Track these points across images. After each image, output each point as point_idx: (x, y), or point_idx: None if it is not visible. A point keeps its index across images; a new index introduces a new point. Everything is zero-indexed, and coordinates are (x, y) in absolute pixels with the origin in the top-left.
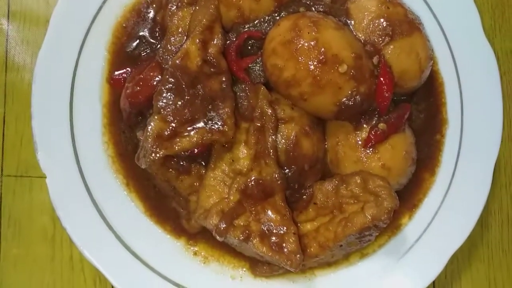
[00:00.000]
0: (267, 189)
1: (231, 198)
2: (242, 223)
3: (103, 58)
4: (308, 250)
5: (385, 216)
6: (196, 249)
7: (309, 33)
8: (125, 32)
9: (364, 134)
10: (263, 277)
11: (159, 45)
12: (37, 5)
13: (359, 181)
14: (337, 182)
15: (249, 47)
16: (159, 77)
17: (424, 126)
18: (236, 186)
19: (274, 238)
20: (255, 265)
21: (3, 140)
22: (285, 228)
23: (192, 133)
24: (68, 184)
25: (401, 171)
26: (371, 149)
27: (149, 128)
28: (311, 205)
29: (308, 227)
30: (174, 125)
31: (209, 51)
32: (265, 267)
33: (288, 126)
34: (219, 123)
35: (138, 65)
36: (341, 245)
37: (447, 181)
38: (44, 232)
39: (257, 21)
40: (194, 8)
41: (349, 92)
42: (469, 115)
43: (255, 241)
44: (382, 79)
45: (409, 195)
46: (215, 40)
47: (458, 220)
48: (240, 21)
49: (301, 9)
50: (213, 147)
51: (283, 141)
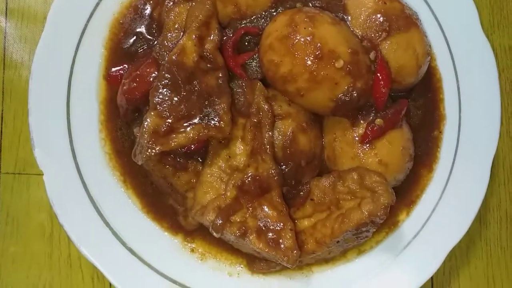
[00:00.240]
0: (264, 185)
1: (228, 194)
2: (238, 219)
3: (100, 54)
4: (305, 246)
5: (382, 212)
6: (193, 246)
7: (305, 28)
8: (122, 28)
9: (361, 130)
10: (260, 273)
11: (156, 42)
12: (35, 2)
13: (356, 177)
14: (334, 178)
15: (246, 43)
16: (156, 73)
17: (422, 122)
18: (233, 182)
19: (270, 234)
20: (253, 261)
21: (1, 137)
22: (281, 224)
23: (188, 129)
24: (65, 181)
25: (398, 167)
26: (368, 145)
27: (145, 124)
28: (308, 201)
29: (305, 223)
30: (170, 121)
31: (206, 47)
32: (263, 264)
33: (285, 122)
34: (216, 119)
35: (135, 61)
36: (338, 241)
37: (445, 177)
38: (42, 229)
39: (254, 17)
40: (190, 4)
41: (346, 87)
42: (467, 111)
43: (251, 237)
44: (379, 75)
45: (406, 192)
46: (212, 36)
47: (456, 216)
48: (237, 17)
49: (298, 5)
50: (210, 143)
51: (280, 137)
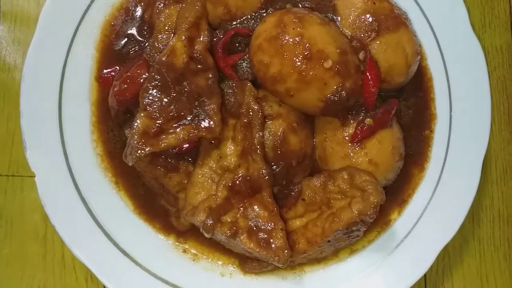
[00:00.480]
0: (255, 185)
1: (219, 194)
2: (229, 220)
3: (92, 56)
4: (296, 246)
5: (371, 211)
6: (185, 246)
7: (294, 29)
8: (114, 30)
9: (351, 129)
10: (252, 273)
11: (147, 43)
12: (28, 5)
13: (346, 176)
14: (324, 178)
15: (237, 44)
16: (146, 74)
17: (413, 121)
18: (223, 182)
19: (261, 234)
20: (245, 262)
21: None
22: (272, 224)
23: (178, 130)
24: (57, 182)
25: (389, 166)
26: (358, 145)
27: (135, 125)
28: (299, 201)
29: (297, 223)
30: (160, 122)
31: (196, 48)
32: (255, 264)
33: (275, 122)
34: (206, 120)
35: (126, 63)
36: (329, 241)
37: (436, 176)
38: (35, 231)
39: (244, 18)
40: (181, 5)
41: (335, 87)
42: (458, 111)
43: (242, 237)
44: (368, 75)
45: (398, 191)
46: (201, 37)
47: (447, 215)
48: (227, 18)
49: (288, 5)
50: (201, 144)
51: (271, 137)
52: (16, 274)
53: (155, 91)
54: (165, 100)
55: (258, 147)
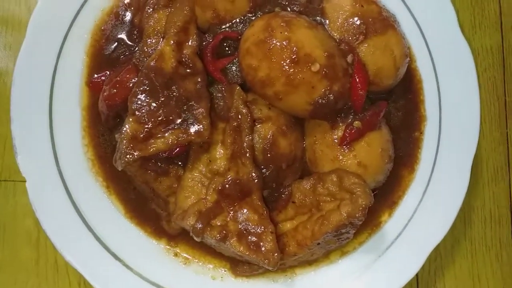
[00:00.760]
0: (244, 189)
1: (209, 198)
2: (219, 223)
3: (82, 61)
4: (286, 249)
5: (360, 213)
6: (177, 250)
7: (281, 32)
8: (104, 35)
9: (340, 132)
10: (243, 276)
11: (137, 48)
12: (19, 10)
13: (335, 179)
14: (314, 180)
15: (227, 48)
16: (136, 79)
17: (402, 123)
18: (213, 186)
19: (251, 237)
20: (236, 265)
21: None
22: (262, 227)
23: (167, 135)
24: (48, 187)
25: (378, 169)
26: (347, 147)
27: (124, 130)
28: (290, 204)
29: (287, 226)
30: (148, 127)
31: (184, 52)
32: (245, 267)
33: (265, 125)
34: (195, 124)
35: (116, 67)
36: (319, 243)
37: (426, 178)
38: (28, 235)
39: (233, 22)
40: (169, 10)
41: (323, 91)
42: (447, 112)
43: (232, 241)
44: (356, 77)
45: (388, 193)
46: (190, 41)
47: (437, 216)
48: (216, 22)
49: (277, 9)
50: (191, 148)
51: (260, 140)
52: (9, 279)
53: (143, 95)
54: (154, 104)
55: (247, 150)
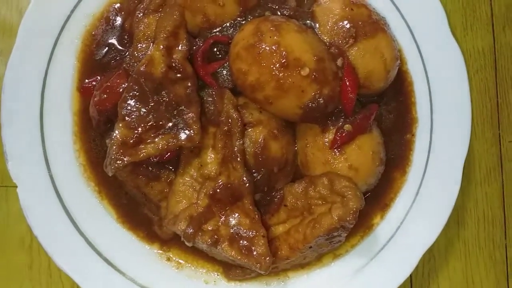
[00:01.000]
0: (236, 193)
1: (200, 203)
2: (210, 228)
3: (73, 66)
4: (279, 252)
5: (351, 216)
6: (169, 254)
7: (270, 37)
8: (94, 40)
9: (331, 135)
10: (236, 280)
11: (127, 52)
12: (10, 15)
13: (326, 182)
14: (306, 184)
15: (217, 52)
16: (126, 84)
17: (394, 125)
18: (204, 191)
19: (243, 241)
20: (229, 269)
21: None
22: (254, 231)
23: (157, 140)
24: (39, 193)
25: (369, 171)
26: (337, 151)
27: (114, 135)
28: (282, 207)
29: (280, 229)
30: (138, 132)
31: (174, 57)
32: (238, 271)
33: (256, 129)
34: (185, 129)
35: (107, 72)
36: (311, 247)
37: (418, 180)
38: (21, 240)
39: (224, 26)
40: (159, 14)
41: (313, 94)
42: (439, 114)
43: (223, 245)
44: (346, 81)
45: (380, 195)
46: (180, 46)
47: (430, 218)
48: (206, 26)
49: (267, 13)
50: (181, 152)
51: (252, 144)
52: (2, 284)
53: (133, 101)
54: (143, 110)
55: (238, 155)
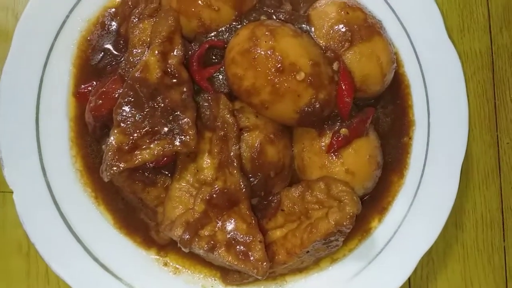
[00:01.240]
0: (232, 198)
1: (196, 208)
2: (207, 233)
3: (69, 72)
4: (276, 257)
5: (348, 221)
6: (166, 260)
7: (266, 42)
8: (90, 45)
9: (327, 139)
10: (234, 285)
11: (123, 57)
12: (5, 21)
13: (323, 186)
14: (302, 188)
15: (213, 57)
16: (121, 89)
17: (391, 129)
18: (201, 196)
19: (240, 246)
20: (226, 273)
21: None
22: (251, 236)
23: (152, 145)
24: (35, 199)
25: (366, 175)
26: (334, 155)
27: (109, 142)
28: (279, 212)
29: (277, 234)
30: (134, 138)
31: (170, 62)
32: (236, 276)
33: (252, 134)
34: (181, 134)
35: (103, 77)
36: (308, 251)
37: (416, 183)
38: (19, 246)
39: (220, 30)
40: (155, 19)
41: (309, 99)
42: (436, 117)
43: (220, 251)
44: (342, 85)
45: (378, 198)
46: (175, 51)
47: (427, 221)
48: (201, 31)
49: (262, 17)
50: (178, 157)
51: (248, 149)
52: None
53: (128, 107)
54: (139, 115)
55: (234, 160)
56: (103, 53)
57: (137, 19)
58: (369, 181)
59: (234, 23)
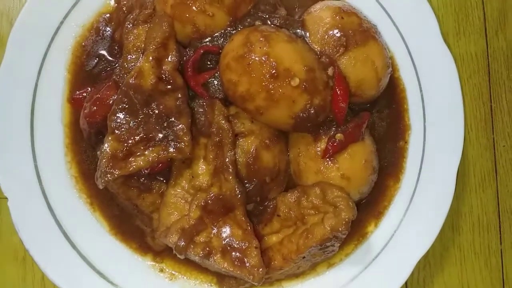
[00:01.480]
0: (227, 204)
1: (192, 215)
2: (203, 240)
3: (63, 78)
4: (272, 263)
5: (343, 227)
6: (162, 266)
7: (260, 48)
8: (85, 51)
9: (323, 145)
10: None
11: (117, 63)
12: (0, 27)
13: (318, 192)
14: (298, 193)
15: (208, 62)
16: (116, 96)
17: (387, 133)
18: (196, 202)
19: (235, 253)
20: (222, 279)
21: None
22: (246, 242)
23: (147, 152)
24: (30, 205)
25: (362, 180)
26: (330, 160)
27: (103, 149)
28: (275, 217)
29: (273, 239)
30: (128, 145)
31: (164, 68)
32: (232, 281)
33: (248, 139)
34: (175, 140)
35: (98, 83)
36: (304, 257)
37: (412, 187)
38: (15, 252)
39: (214, 36)
40: (149, 25)
41: (304, 104)
42: (431, 121)
43: (216, 257)
44: (337, 90)
45: (374, 203)
46: (170, 57)
47: (424, 225)
48: (196, 36)
49: (257, 22)
50: (173, 164)
51: (243, 154)
52: None
53: (122, 114)
54: (133, 122)
55: (230, 165)
56: (97, 59)
57: (131, 25)
58: (365, 186)
59: (228, 29)
